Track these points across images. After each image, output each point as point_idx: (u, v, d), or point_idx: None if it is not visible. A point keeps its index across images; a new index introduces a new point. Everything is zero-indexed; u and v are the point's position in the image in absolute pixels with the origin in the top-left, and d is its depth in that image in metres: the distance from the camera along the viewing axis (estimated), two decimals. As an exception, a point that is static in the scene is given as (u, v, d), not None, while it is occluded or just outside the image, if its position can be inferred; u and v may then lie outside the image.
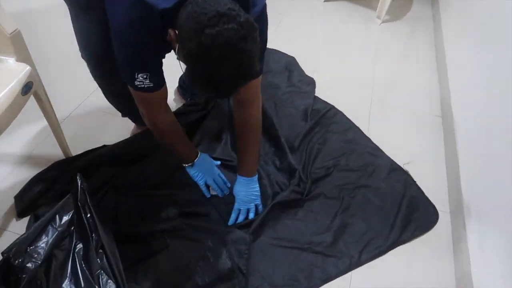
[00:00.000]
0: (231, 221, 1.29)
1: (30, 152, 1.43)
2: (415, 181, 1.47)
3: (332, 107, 1.76)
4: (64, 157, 1.39)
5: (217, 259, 1.17)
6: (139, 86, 1.02)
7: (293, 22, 2.32)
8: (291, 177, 1.41)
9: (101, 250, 0.99)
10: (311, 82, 1.88)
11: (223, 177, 1.37)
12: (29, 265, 0.88)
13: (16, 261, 0.87)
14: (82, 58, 1.21)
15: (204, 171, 1.33)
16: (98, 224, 1.01)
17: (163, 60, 1.05)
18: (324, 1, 2.58)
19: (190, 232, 1.22)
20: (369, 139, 1.63)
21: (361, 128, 1.67)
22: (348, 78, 1.94)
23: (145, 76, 1.00)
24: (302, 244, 1.27)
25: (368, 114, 1.76)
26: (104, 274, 0.97)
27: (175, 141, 1.26)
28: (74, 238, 0.99)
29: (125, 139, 1.47)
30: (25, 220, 1.22)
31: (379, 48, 2.19)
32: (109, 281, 0.97)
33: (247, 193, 1.30)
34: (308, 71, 1.94)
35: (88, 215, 1.02)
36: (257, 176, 1.32)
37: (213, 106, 1.65)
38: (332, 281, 1.19)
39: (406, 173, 1.50)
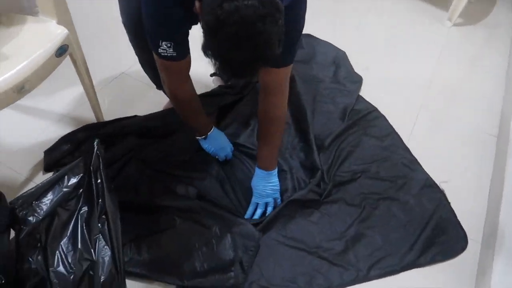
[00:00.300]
0: (247, 214, 1.26)
1: (67, 113, 1.50)
2: (449, 202, 1.34)
3: (375, 109, 1.65)
4: (95, 122, 1.45)
5: (221, 248, 1.16)
6: (163, 54, 1.02)
7: (355, 16, 2.19)
8: (312, 176, 1.35)
9: (104, 217, 1.02)
10: (357, 80, 1.77)
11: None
12: (30, 218, 0.93)
13: (21, 213, 0.92)
14: (123, 24, 1.23)
15: (216, 146, 1.35)
16: (106, 192, 1.04)
17: (195, 33, 1.03)
18: (393, -4, 2.41)
19: (201, 216, 1.21)
20: (407, 149, 1.50)
21: (402, 136, 1.55)
22: (400, 81, 1.81)
23: (169, 45, 1.00)
24: (309, 247, 1.21)
25: (414, 122, 1.62)
26: (102, 240, 0.99)
27: (192, 112, 1.27)
28: (80, 201, 1.02)
29: (155, 112, 1.49)
30: (49, 175, 1.29)
31: (443, 53, 2.00)
32: (105, 246, 0.99)
33: (265, 187, 1.26)
34: (359, 68, 1.83)
35: (98, 181, 1.04)
36: (276, 170, 1.28)
37: (249, 92, 1.62)
38: (333, 292, 1.13)
39: (441, 192, 1.37)
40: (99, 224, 1.01)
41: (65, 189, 0.97)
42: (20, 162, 1.32)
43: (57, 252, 0.94)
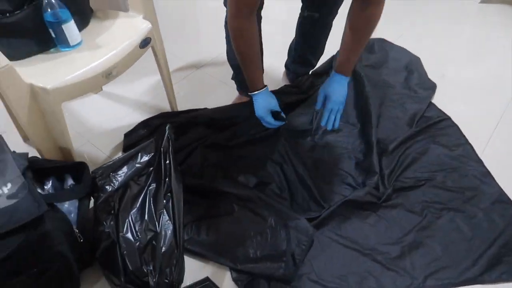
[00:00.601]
0: (323, 121, 1.31)
1: (146, 101, 1.65)
2: (523, 221, 1.24)
3: (448, 118, 1.57)
4: (170, 110, 1.57)
5: (274, 239, 1.19)
6: None
7: (435, 20, 2.11)
8: (367, 178, 1.33)
9: (169, 194, 1.11)
10: (430, 87, 1.71)
11: (282, 114, 1.35)
12: (107, 187, 1.04)
13: (100, 182, 1.04)
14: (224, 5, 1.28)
15: (267, 105, 1.31)
16: (173, 172, 1.13)
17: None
18: (479, 2, 2.28)
19: (258, 206, 1.26)
20: (480, 161, 1.42)
21: (476, 148, 1.46)
22: (479, 90, 1.71)
23: None
24: (363, 248, 1.20)
25: (491, 133, 1.52)
26: (166, 215, 1.08)
27: (253, 55, 1.22)
28: (150, 178, 1.12)
29: (224, 106, 1.58)
30: (127, 155, 1.43)
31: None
32: (168, 221, 1.08)
33: (341, 92, 1.27)
34: (434, 75, 1.76)
35: (167, 162, 1.14)
36: (349, 79, 1.29)
37: (314, 92, 1.65)
38: (383, 296, 1.11)
39: (515, 208, 1.27)
40: (164, 201, 1.11)
41: (137, 165, 1.07)
42: (103, 141, 1.48)
43: (127, 220, 1.04)
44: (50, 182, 1.14)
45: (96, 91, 1.66)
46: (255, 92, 1.29)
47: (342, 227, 1.25)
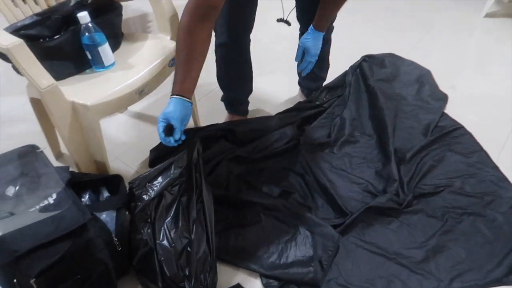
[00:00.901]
0: (300, 69, 1.43)
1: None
2: (543, 223, 1.27)
3: (461, 126, 1.63)
4: (194, 126, 1.64)
5: (301, 245, 1.23)
6: None
7: (441, 34, 2.19)
8: (387, 186, 1.38)
9: (200, 204, 1.16)
10: (442, 98, 1.77)
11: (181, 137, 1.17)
12: (144, 196, 1.09)
13: (137, 192, 1.10)
14: None
15: (179, 113, 1.12)
16: (203, 183, 1.18)
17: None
18: (484, 16, 2.37)
19: (284, 215, 1.30)
20: (496, 167, 1.46)
21: (491, 154, 1.51)
22: (489, 99, 1.77)
23: None
24: (389, 253, 1.23)
25: (505, 140, 1.57)
26: (198, 223, 1.13)
27: (193, 57, 1.11)
28: (182, 188, 1.17)
29: (243, 119, 1.67)
30: (154, 170, 1.49)
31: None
32: (200, 229, 1.13)
33: (317, 46, 1.37)
34: (444, 87, 1.83)
35: (197, 174, 1.19)
36: (324, 34, 1.37)
37: (329, 106, 1.72)
38: (411, 298, 1.13)
39: (534, 212, 1.31)
40: (196, 210, 1.16)
41: (171, 176, 1.13)
42: (130, 157, 1.55)
43: (162, 228, 1.09)
44: (87, 195, 1.20)
45: (122, 110, 1.73)
46: (175, 96, 1.11)
47: (365, 233, 1.29)
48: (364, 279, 1.18)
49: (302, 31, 1.51)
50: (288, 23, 1.46)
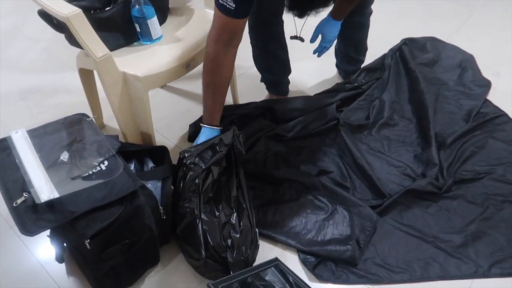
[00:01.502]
0: (316, 52, 1.50)
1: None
2: None
3: (504, 114, 1.59)
4: (232, 103, 1.65)
5: (339, 224, 1.25)
6: (222, 3, 1.05)
7: (485, 18, 2.12)
8: (426, 170, 1.37)
9: (238, 183, 1.20)
10: (485, 85, 1.72)
11: None
12: (194, 167, 1.11)
13: (188, 162, 1.12)
14: None
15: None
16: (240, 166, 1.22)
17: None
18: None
19: (322, 193, 1.31)
20: (540, 156, 1.43)
21: (534, 144, 1.47)
22: (534, 88, 1.71)
23: None
24: (426, 236, 1.24)
25: (549, 130, 1.53)
26: (238, 200, 1.17)
27: (215, 87, 1.22)
28: (224, 168, 1.20)
29: (280, 98, 1.69)
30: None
31: None
32: (240, 204, 1.16)
33: (334, 33, 1.43)
34: (488, 73, 1.78)
35: (235, 156, 1.22)
36: (342, 21, 1.41)
37: (368, 87, 1.70)
38: (448, 281, 1.14)
39: None
40: (236, 187, 1.19)
41: (219, 152, 1.15)
42: (170, 132, 1.58)
43: (208, 200, 1.12)
44: (132, 165, 1.23)
45: (162, 85, 1.76)
46: (207, 126, 1.26)
47: (403, 216, 1.29)
48: (401, 260, 1.19)
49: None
50: (302, 40, 1.49)
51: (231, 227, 1.11)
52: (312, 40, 1.45)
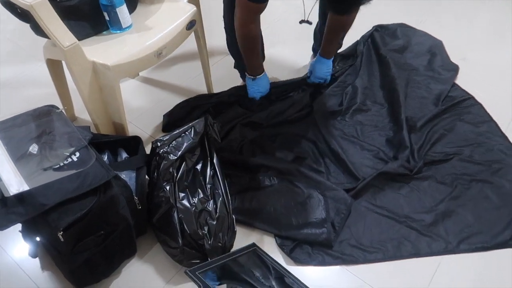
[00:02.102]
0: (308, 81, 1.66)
1: (184, 83, 1.73)
2: (550, 190, 1.31)
3: (471, 97, 1.64)
4: (207, 92, 1.64)
5: (314, 208, 1.27)
6: None
7: (454, 5, 2.17)
8: (398, 153, 1.41)
9: (213, 170, 1.20)
10: (453, 69, 1.77)
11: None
12: (168, 156, 1.10)
13: (161, 151, 1.12)
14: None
15: (262, 88, 1.57)
16: (214, 153, 1.23)
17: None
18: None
19: (297, 179, 1.33)
20: (505, 137, 1.49)
21: (501, 125, 1.53)
22: (500, 72, 1.77)
23: None
24: (399, 216, 1.27)
25: (514, 111, 1.59)
26: (214, 187, 1.17)
27: (254, 49, 1.45)
28: (198, 156, 1.19)
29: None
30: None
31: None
32: (217, 191, 1.16)
33: (323, 70, 1.61)
34: (456, 58, 1.83)
35: (210, 144, 1.22)
36: (332, 58, 1.62)
37: (341, 74, 1.73)
38: (419, 259, 1.18)
39: (541, 179, 1.34)
40: (211, 175, 1.19)
41: (192, 140, 1.15)
42: (144, 122, 1.56)
43: (183, 188, 1.12)
44: (106, 156, 1.22)
45: (134, 76, 1.73)
46: (256, 76, 1.53)
47: (377, 198, 1.32)
48: (375, 241, 1.22)
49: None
50: (310, 23, 1.58)
51: (207, 214, 1.12)
52: (308, 75, 1.65)
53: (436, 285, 1.13)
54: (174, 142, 1.13)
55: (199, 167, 1.21)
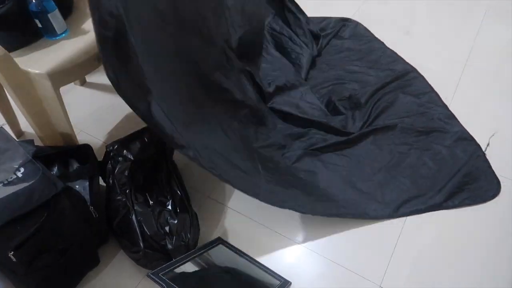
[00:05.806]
0: None
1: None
2: (484, 153, 1.39)
3: (414, 70, 1.71)
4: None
5: None
6: None
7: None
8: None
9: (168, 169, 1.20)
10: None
11: None
12: (122, 159, 1.09)
13: (115, 154, 1.10)
14: None
15: None
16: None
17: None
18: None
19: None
20: (445, 106, 1.56)
21: (444, 96, 1.60)
22: (443, 43, 1.85)
23: None
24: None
25: (457, 82, 1.66)
26: (172, 186, 1.16)
27: None
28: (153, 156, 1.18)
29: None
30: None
31: (489, 13, 1.99)
32: (175, 190, 1.16)
33: None
34: (400, 32, 1.90)
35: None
36: None
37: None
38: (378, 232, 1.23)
39: (475, 144, 1.42)
40: (168, 173, 1.18)
41: (146, 141, 1.14)
42: (97, 129, 1.52)
43: (140, 190, 1.10)
44: (56, 168, 1.18)
45: (81, 83, 1.68)
46: None
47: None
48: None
49: None
50: None
51: (168, 214, 1.11)
52: None
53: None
54: (128, 145, 1.11)
55: (155, 168, 1.19)
